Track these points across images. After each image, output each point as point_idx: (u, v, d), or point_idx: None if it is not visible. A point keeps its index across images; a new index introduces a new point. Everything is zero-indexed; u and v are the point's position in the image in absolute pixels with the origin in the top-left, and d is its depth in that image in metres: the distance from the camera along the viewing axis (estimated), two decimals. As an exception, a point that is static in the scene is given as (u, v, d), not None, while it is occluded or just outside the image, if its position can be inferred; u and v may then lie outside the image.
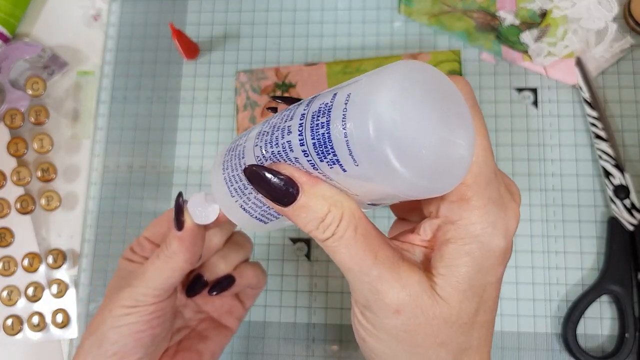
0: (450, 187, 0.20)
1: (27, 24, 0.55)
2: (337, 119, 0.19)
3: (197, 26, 0.53)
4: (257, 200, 0.24)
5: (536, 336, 0.44)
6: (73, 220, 0.50)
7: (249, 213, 0.25)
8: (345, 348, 0.45)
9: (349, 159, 0.19)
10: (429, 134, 0.19)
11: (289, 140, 0.21)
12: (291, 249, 0.47)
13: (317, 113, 0.20)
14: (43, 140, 0.49)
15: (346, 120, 0.19)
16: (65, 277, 0.48)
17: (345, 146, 0.19)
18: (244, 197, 0.25)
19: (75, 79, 0.53)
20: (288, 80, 0.43)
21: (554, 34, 0.48)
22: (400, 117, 0.18)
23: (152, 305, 0.30)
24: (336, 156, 0.19)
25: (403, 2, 0.50)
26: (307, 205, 0.21)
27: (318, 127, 0.20)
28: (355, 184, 0.20)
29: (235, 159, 0.24)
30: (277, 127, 0.22)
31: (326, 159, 0.20)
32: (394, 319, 0.22)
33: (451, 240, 0.22)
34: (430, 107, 0.19)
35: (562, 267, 0.45)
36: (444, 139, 0.19)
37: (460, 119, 0.20)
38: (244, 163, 0.23)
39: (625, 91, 0.47)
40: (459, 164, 0.20)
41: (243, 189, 0.24)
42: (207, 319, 0.37)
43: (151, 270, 0.30)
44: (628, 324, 0.42)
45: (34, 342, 0.48)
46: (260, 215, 0.25)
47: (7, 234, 0.48)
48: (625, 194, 0.44)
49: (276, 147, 0.21)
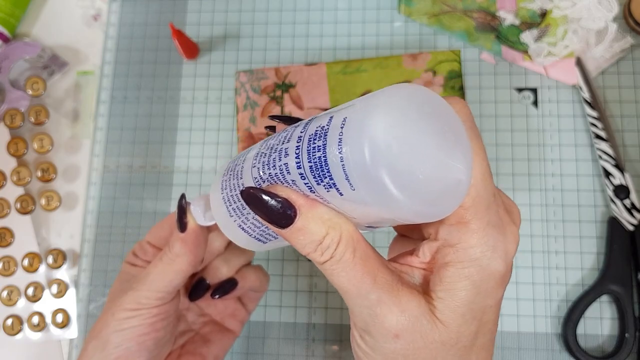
0: (448, 212, 0.20)
1: (27, 23, 0.55)
2: (333, 142, 0.19)
3: (197, 26, 0.52)
4: (256, 221, 0.24)
5: (536, 336, 0.44)
6: (73, 220, 0.50)
7: (247, 233, 0.25)
8: (345, 348, 0.45)
9: (345, 183, 0.19)
10: (426, 159, 0.18)
11: (286, 163, 0.21)
12: (291, 249, 0.47)
13: (314, 136, 0.20)
14: (43, 140, 0.49)
15: (342, 144, 0.19)
16: (65, 277, 0.48)
17: (342, 170, 0.19)
18: (242, 217, 0.24)
19: (75, 79, 0.53)
20: (288, 80, 0.43)
21: (554, 33, 0.48)
22: (396, 142, 0.18)
23: (155, 308, 0.30)
24: (333, 180, 0.19)
25: (403, 2, 0.50)
26: (304, 228, 0.21)
27: (315, 151, 0.19)
28: (352, 207, 0.20)
29: (234, 179, 0.24)
30: (275, 149, 0.22)
31: (323, 183, 0.20)
32: (393, 343, 0.21)
33: (450, 263, 0.21)
34: (426, 131, 0.19)
35: (562, 267, 0.45)
36: (441, 163, 0.19)
37: (458, 142, 0.20)
38: (242, 184, 0.23)
39: (625, 91, 0.47)
40: (457, 188, 0.20)
41: (241, 209, 0.24)
42: (210, 323, 0.37)
43: (154, 273, 0.30)
44: (628, 324, 0.42)
45: (34, 342, 0.48)
46: (258, 235, 0.25)
47: (7, 234, 0.48)
48: (625, 194, 0.44)
49: (273, 169, 0.21)
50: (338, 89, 0.42)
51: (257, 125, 0.42)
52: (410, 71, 0.42)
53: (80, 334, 0.47)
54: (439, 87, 0.41)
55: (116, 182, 0.50)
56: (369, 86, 0.42)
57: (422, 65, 0.42)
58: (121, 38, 0.53)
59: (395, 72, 0.42)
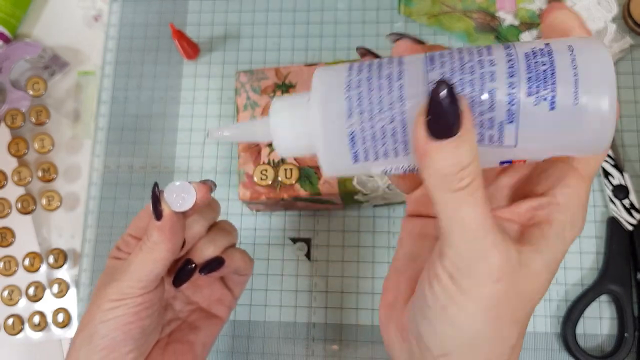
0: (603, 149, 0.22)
1: (28, 24, 0.55)
2: (565, 57, 0.20)
3: (197, 26, 0.53)
4: (386, 128, 0.21)
5: (536, 336, 0.44)
6: (74, 220, 0.50)
7: (353, 140, 0.22)
8: (345, 347, 0.45)
9: (569, 94, 0.20)
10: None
11: (492, 71, 0.21)
12: (291, 249, 0.47)
13: (533, 54, 0.21)
14: (44, 140, 0.49)
15: (575, 59, 0.20)
16: (66, 276, 0.48)
17: (573, 80, 0.20)
18: (367, 122, 0.21)
19: (76, 79, 0.53)
20: (288, 80, 0.43)
21: (554, 34, 0.48)
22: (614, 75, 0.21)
23: (139, 297, 0.30)
24: (554, 91, 0.20)
25: (403, 3, 0.50)
26: (458, 147, 0.20)
27: (538, 64, 0.20)
28: (544, 129, 0.21)
29: (384, 79, 0.21)
30: (470, 59, 0.21)
31: (539, 93, 0.20)
32: (492, 287, 0.21)
33: (554, 222, 0.23)
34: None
35: (561, 266, 0.45)
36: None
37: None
38: (402, 85, 0.21)
39: (624, 91, 0.47)
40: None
41: (373, 111, 0.21)
42: (197, 310, 0.37)
43: (135, 262, 0.31)
44: (627, 324, 0.42)
45: (35, 342, 0.48)
46: (370, 146, 0.22)
47: (8, 234, 0.48)
48: (624, 194, 0.44)
49: (469, 75, 0.21)
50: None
51: (257, 126, 0.42)
52: None
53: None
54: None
55: (117, 183, 0.50)
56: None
57: None
58: (122, 38, 0.53)
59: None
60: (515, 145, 0.21)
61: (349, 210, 0.48)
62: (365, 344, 0.45)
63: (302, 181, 0.42)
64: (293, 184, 0.42)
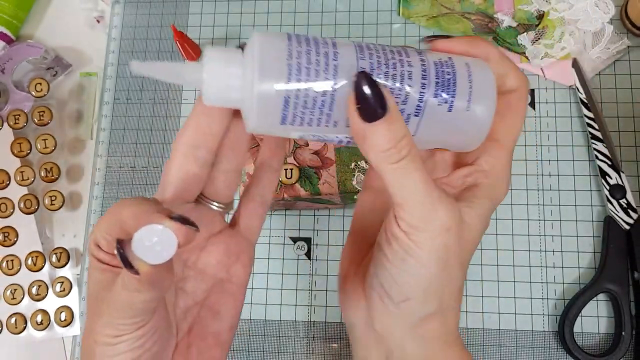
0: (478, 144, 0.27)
1: (30, 26, 0.55)
2: (463, 76, 0.25)
3: (198, 28, 0.53)
4: (317, 99, 0.24)
5: (534, 334, 0.44)
6: (76, 220, 0.50)
7: (286, 104, 0.23)
8: (344, 346, 0.45)
9: (463, 100, 0.25)
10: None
11: (410, 71, 0.24)
12: (291, 248, 0.48)
13: (440, 65, 0.25)
14: (46, 140, 0.50)
15: (472, 77, 0.25)
16: (68, 275, 0.49)
17: (468, 91, 0.25)
18: (302, 90, 0.23)
19: (78, 80, 0.53)
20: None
21: (551, 35, 0.48)
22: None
23: (139, 330, 0.26)
24: (454, 97, 0.25)
25: (402, 5, 0.51)
26: (390, 125, 0.24)
27: (444, 74, 0.25)
28: (439, 126, 0.25)
29: (322, 57, 0.24)
30: (392, 57, 0.25)
31: (442, 96, 0.25)
32: (442, 237, 0.25)
33: (482, 185, 0.28)
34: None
35: (559, 265, 0.45)
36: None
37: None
38: (336, 66, 0.24)
39: (621, 92, 0.48)
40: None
41: (309, 82, 0.23)
42: (214, 286, 0.31)
43: (120, 300, 0.25)
44: (624, 322, 0.42)
45: (38, 340, 0.48)
46: (299, 113, 0.24)
47: (11, 234, 0.49)
48: (621, 193, 0.45)
49: (393, 69, 0.24)
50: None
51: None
52: None
53: (83, 332, 0.48)
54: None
55: (119, 182, 0.50)
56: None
57: None
58: (124, 40, 0.54)
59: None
60: (414, 135, 0.25)
61: (348, 209, 0.48)
62: (364, 342, 0.45)
63: (302, 181, 0.42)
64: (293, 183, 0.42)
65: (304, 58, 0.23)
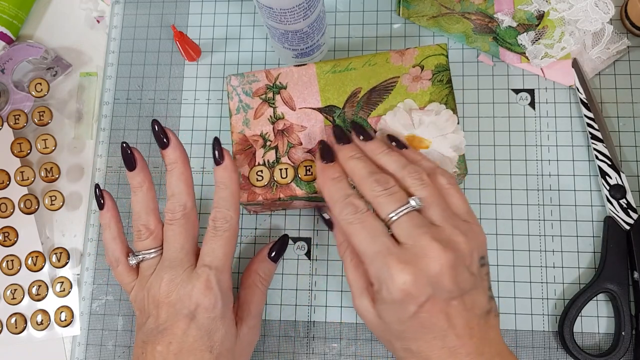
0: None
1: (30, 26, 0.55)
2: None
3: (198, 28, 0.53)
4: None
5: (533, 334, 0.44)
6: (76, 220, 0.50)
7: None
8: (344, 346, 0.45)
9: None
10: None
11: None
12: (291, 248, 0.48)
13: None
14: (46, 140, 0.50)
15: None
16: (69, 275, 0.49)
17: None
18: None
19: (78, 81, 0.53)
20: (279, 81, 0.44)
21: (551, 35, 0.48)
22: None
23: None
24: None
25: (402, 5, 0.51)
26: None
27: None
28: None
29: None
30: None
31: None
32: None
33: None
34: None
35: (559, 265, 0.45)
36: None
37: None
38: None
39: (621, 92, 0.48)
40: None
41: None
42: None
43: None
44: (624, 322, 0.43)
45: (38, 340, 0.48)
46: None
47: (11, 233, 0.49)
48: (621, 193, 0.45)
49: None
50: (329, 88, 0.43)
51: (251, 128, 0.43)
52: (399, 67, 0.42)
53: (83, 332, 0.48)
54: (427, 81, 0.42)
55: (119, 183, 0.50)
56: (359, 84, 0.43)
57: (409, 60, 0.43)
58: (124, 40, 0.54)
59: (383, 68, 0.43)
60: None
61: (348, 210, 0.48)
62: (364, 342, 0.45)
63: (298, 180, 0.42)
64: (289, 183, 0.42)
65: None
